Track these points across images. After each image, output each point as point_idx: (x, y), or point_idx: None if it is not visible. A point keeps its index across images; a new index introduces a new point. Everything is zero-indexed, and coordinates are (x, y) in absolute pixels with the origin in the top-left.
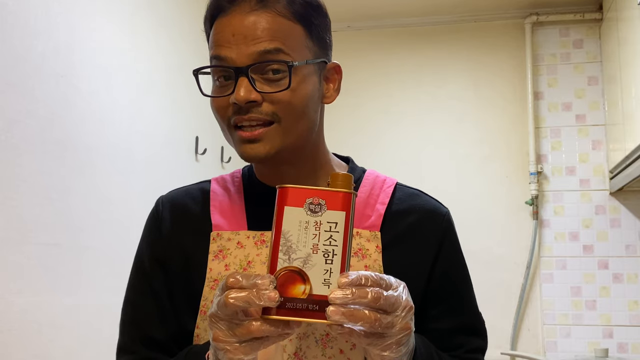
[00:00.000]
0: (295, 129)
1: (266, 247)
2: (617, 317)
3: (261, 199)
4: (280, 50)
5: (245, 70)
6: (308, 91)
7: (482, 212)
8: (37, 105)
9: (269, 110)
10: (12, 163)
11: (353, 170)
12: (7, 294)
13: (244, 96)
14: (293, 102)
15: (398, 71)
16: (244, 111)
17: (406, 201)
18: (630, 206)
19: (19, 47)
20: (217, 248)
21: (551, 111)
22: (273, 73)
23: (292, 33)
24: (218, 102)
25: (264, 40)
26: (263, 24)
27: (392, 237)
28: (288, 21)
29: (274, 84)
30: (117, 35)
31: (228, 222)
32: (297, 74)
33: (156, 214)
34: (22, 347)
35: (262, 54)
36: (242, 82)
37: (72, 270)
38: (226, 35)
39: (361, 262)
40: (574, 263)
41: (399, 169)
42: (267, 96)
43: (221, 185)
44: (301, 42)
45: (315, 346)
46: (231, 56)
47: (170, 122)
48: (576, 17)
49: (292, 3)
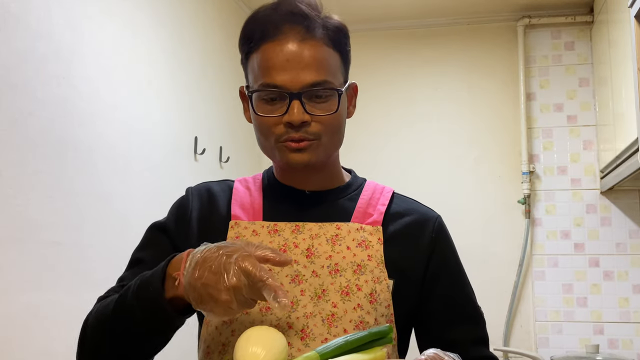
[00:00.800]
0: (332, 144)
1: (278, 235)
2: (607, 314)
3: (277, 196)
4: (326, 80)
5: (299, 96)
6: (344, 112)
7: (475, 210)
8: (38, 105)
9: (315, 130)
10: (14, 163)
11: (355, 179)
12: (10, 291)
13: (298, 117)
14: (335, 123)
15: (392, 73)
16: (295, 130)
17: (403, 205)
18: (620, 205)
19: (20, 48)
20: (235, 235)
21: (543, 112)
22: (318, 97)
23: (332, 61)
24: (269, 120)
25: (313, 70)
26: (312, 53)
27: (391, 233)
28: (329, 49)
29: (320, 107)
30: (117, 36)
31: (246, 214)
32: (341, 99)
33: (185, 202)
34: (25, 344)
35: (313, 84)
36: (295, 104)
37: (73, 268)
38: (280, 62)
39: (365, 252)
40: (565, 261)
41: (392, 168)
42: (314, 117)
43: (243, 185)
44: (338, 68)
45: (321, 325)
46: (285, 82)
47: (169, 122)
48: (567, 19)
49: (329, 31)
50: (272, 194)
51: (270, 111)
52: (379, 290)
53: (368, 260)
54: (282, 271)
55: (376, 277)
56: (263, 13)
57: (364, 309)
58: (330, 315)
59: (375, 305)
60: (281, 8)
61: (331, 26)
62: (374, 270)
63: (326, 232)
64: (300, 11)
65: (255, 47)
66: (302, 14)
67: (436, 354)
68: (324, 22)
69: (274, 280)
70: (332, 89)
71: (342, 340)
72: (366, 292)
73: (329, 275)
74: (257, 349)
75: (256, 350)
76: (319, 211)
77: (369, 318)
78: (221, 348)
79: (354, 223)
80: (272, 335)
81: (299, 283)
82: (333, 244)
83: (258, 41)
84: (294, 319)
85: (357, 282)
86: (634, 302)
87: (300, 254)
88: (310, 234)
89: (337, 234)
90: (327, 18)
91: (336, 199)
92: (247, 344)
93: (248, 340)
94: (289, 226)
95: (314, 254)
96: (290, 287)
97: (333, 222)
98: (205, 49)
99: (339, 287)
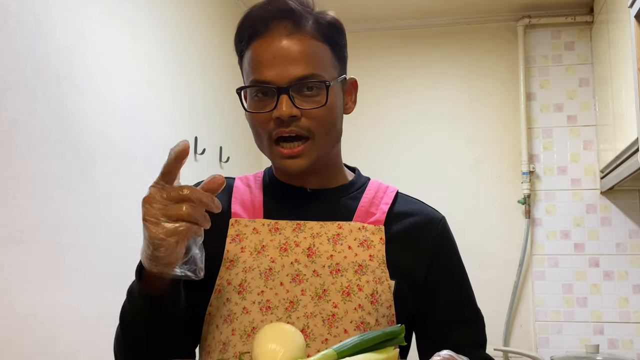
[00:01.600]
0: (327, 141)
1: (279, 233)
2: (607, 314)
3: (278, 194)
4: (314, 73)
5: (286, 90)
6: (337, 106)
7: (475, 210)
8: (38, 105)
9: (305, 125)
10: (13, 163)
11: (359, 178)
12: (9, 291)
13: (287, 111)
14: (326, 117)
15: (392, 73)
16: (285, 125)
17: (406, 205)
18: (620, 205)
19: (20, 48)
20: (235, 232)
21: (543, 112)
22: (308, 90)
23: (322, 54)
24: (260, 117)
25: (301, 64)
26: (299, 47)
27: (394, 233)
28: (318, 42)
29: (310, 101)
30: (118, 36)
31: (247, 212)
32: (330, 92)
33: None
34: (24, 343)
35: (300, 77)
36: (283, 99)
37: (72, 268)
38: (267, 58)
39: (366, 252)
40: (565, 261)
41: (393, 168)
42: (304, 112)
43: (244, 183)
44: (329, 62)
45: (322, 325)
46: (273, 77)
47: (169, 122)
48: (567, 19)
49: (320, 25)
50: (273, 192)
51: (260, 107)
52: (380, 291)
53: (370, 260)
54: (283, 270)
55: (378, 278)
56: (253, 12)
57: (365, 309)
58: (330, 315)
59: (377, 305)
60: (271, 6)
61: (323, 21)
62: (376, 271)
63: (327, 231)
64: (289, 7)
65: (246, 46)
66: (291, 10)
67: (451, 355)
68: (316, 17)
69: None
70: (320, 81)
71: (357, 339)
72: (367, 292)
73: (329, 275)
74: (276, 346)
75: (275, 348)
76: (320, 210)
77: (369, 319)
78: (222, 347)
79: (356, 222)
80: (290, 332)
81: (300, 282)
82: (334, 243)
83: (249, 40)
84: (294, 318)
85: (359, 282)
86: (634, 302)
87: (301, 252)
88: (312, 232)
89: (339, 233)
90: (320, 14)
91: (338, 198)
92: (265, 341)
93: (266, 338)
94: (290, 224)
95: (315, 253)
96: (290, 287)
97: (334, 221)
98: (205, 49)
99: (340, 287)
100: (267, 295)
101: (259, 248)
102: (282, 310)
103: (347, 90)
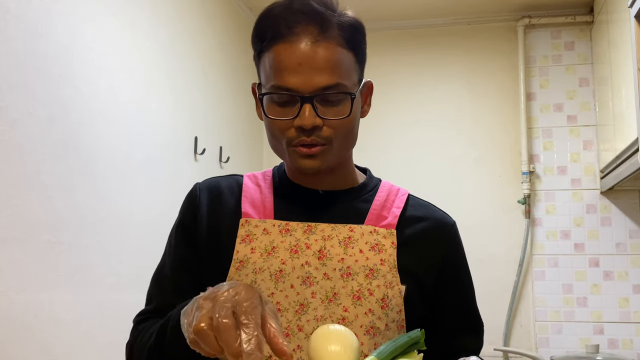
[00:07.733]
0: (344, 147)
1: (290, 235)
2: (607, 314)
3: (289, 194)
4: (339, 83)
5: (310, 99)
6: (357, 113)
7: (475, 210)
8: (38, 105)
9: (327, 134)
10: (14, 162)
11: (370, 180)
12: (10, 291)
13: (310, 122)
14: (347, 126)
15: (392, 73)
16: (307, 133)
17: (419, 209)
18: (620, 205)
19: (20, 48)
20: (245, 233)
21: (543, 112)
22: (331, 99)
23: (347, 61)
24: (280, 123)
25: (326, 72)
26: (325, 55)
27: (406, 237)
28: (343, 49)
29: (333, 111)
30: (118, 36)
31: (257, 212)
32: (354, 102)
33: (193, 199)
34: (24, 343)
35: (325, 87)
36: (306, 108)
37: (73, 268)
38: (291, 64)
39: (378, 256)
40: (565, 261)
41: (393, 168)
42: (326, 121)
43: (253, 181)
44: (352, 68)
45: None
46: (296, 85)
47: (169, 122)
48: (567, 19)
49: (344, 30)
50: (283, 192)
51: (281, 114)
52: (390, 296)
53: (381, 264)
54: (294, 272)
55: (388, 282)
56: (276, 10)
57: (375, 314)
58: (341, 319)
59: (387, 310)
60: (294, 6)
61: (346, 24)
62: (387, 275)
63: (339, 233)
64: (314, 10)
65: (267, 47)
66: (316, 13)
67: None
68: (339, 20)
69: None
70: (345, 92)
71: (392, 345)
72: (378, 297)
73: (340, 279)
74: (337, 347)
75: (335, 349)
76: (332, 212)
77: (379, 323)
78: None
79: (368, 225)
80: (346, 333)
81: (310, 285)
82: (346, 246)
83: (270, 41)
84: (304, 321)
85: (369, 286)
86: (634, 302)
87: (312, 255)
88: (323, 235)
89: (350, 236)
90: (342, 15)
91: (350, 200)
92: (325, 342)
93: (326, 339)
94: (301, 226)
95: (326, 255)
96: (301, 289)
97: (346, 224)
98: (205, 49)
99: (351, 291)
100: (277, 297)
101: (269, 249)
102: (292, 312)
103: (364, 93)
